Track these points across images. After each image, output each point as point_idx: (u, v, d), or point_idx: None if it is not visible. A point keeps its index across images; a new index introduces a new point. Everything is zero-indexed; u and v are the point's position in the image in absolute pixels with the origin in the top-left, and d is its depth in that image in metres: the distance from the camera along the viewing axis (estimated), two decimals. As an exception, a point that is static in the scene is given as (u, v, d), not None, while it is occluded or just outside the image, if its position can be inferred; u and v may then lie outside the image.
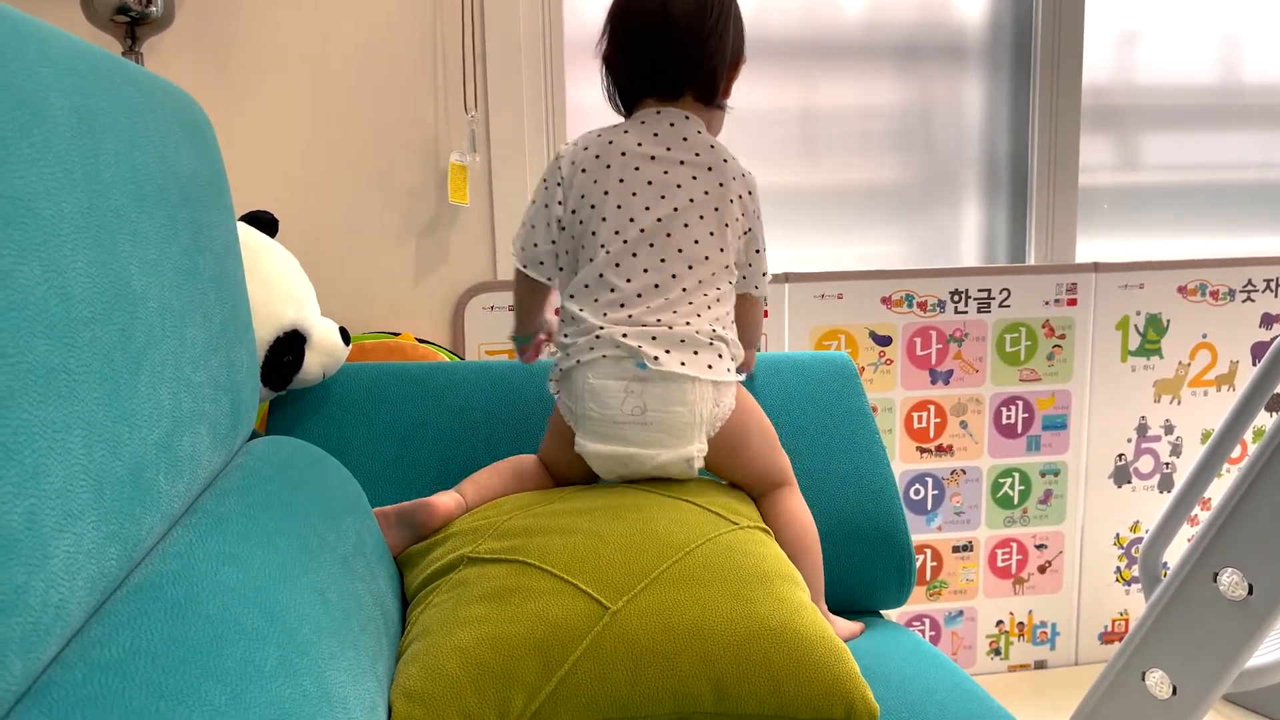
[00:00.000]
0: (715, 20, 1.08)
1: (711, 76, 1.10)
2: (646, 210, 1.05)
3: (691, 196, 1.06)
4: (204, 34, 1.53)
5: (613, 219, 1.05)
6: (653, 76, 1.10)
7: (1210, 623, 1.31)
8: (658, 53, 1.09)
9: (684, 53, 1.09)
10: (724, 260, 1.06)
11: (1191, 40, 1.94)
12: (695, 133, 1.09)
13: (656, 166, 1.06)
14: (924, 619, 1.83)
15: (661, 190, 1.05)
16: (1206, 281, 1.83)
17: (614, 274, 1.03)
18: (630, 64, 1.11)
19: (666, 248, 1.04)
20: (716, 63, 1.10)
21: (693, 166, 1.07)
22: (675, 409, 0.99)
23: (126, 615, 0.53)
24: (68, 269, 0.51)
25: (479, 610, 0.82)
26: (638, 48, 1.10)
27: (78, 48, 0.59)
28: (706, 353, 1.01)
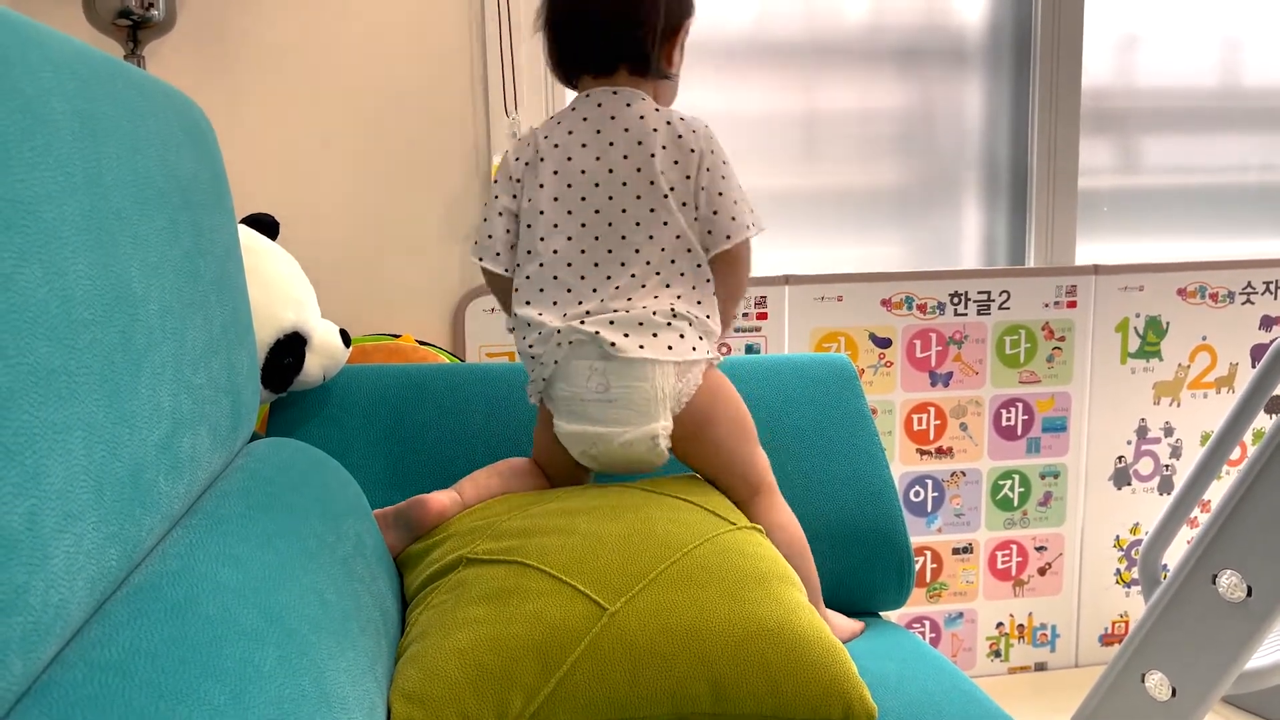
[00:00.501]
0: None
1: (641, 49, 1.07)
2: (583, 201, 1.04)
3: (624, 179, 1.04)
4: (205, 37, 1.53)
5: (553, 215, 1.05)
6: (584, 52, 1.09)
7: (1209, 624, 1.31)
8: (585, 26, 1.07)
9: (612, 26, 1.06)
10: (670, 235, 1.04)
11: (1191, 43, 1.95)
12: (624, 106, 1.06)
13: (588, 154, 1.05)
14: (924, 621, 1.83)
15: (595, 178, 1.05)
16: (1206, 284, 1.83)
17: (567, 273, 1.04)
18: (561, 40, 1.09)
19: (610, 238, 1.04)
20: (647, 32, 1.07)
21: (622, 144, 1.05)
22: (637, 384, 1.00)
23: (126, 615, 0.53)
24: (69, 271, 0.51)
25: (477, 611, 0.82)
26: (567, 22, 1.08)
27: (80, 51, 0.59)
28: (665, 333, 1.01)
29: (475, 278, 1.64)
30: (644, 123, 1.06)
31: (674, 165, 1.05)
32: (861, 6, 1.82)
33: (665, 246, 1.04)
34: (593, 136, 1.06)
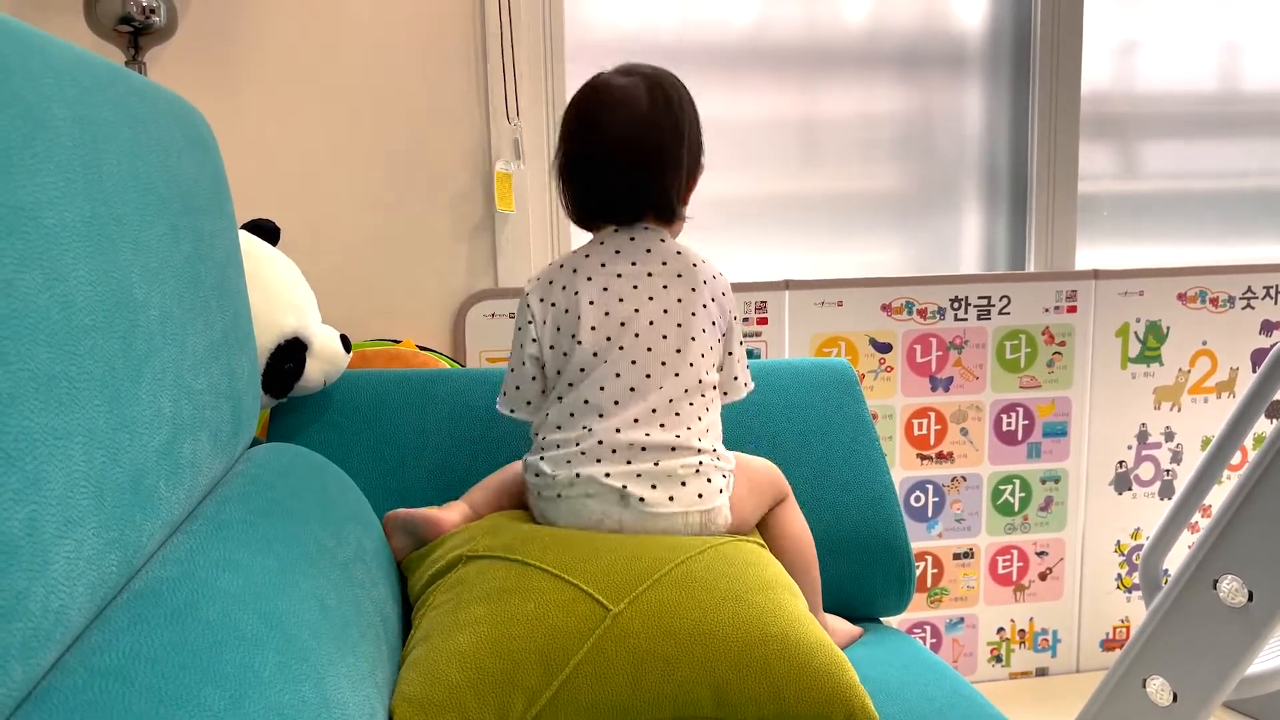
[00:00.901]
0: (670, 137, 1.04)
1: (669, 202, 1.07)
2: (622, 326, 1.01)
3: (665, 307, 1.02)
4: (206, 44, 1.53)
5: (589, 342, 1.01)
6: (608, 206, 1.07)
7: (1210, 630, 1.31)
8: (610, 185, 1.05)
9: (638, 183, 1.05)
10: (706, 364, 1.03)
11: (1190, 48, 1.95)
12: (659, 242, 1.06)
13: (625, 283, 1.03)
14: (925, 626, 1.82)
15: (634, 304, 1.02)
16: (1206, 288, 1.83)
17: (599, 397, 0.99)
18: (584, 192, 1.07)
19: (650, 362, 1.00)
20: (674, 189, 1.07)
21: (661, 275, 1.04)
22: (657, 527, 0.96)
23: (126, 621, 0.53)
24: (69, 277, 0.51)
25: (478, 611, 0.82)
26: (591, 178, 1.06)
27: (81, 58, 0.59)
28: (695, 481, 0.97)
29: (476, 284, 1.65)
30: (682, 257, 1.06)
31: (712, 303, 1.05)
32: (861, 11, 1.82)
33: (701, 377, 1.02)
34: (629, 267, 1.04)
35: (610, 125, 1.04)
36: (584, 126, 1.06)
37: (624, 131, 1.03)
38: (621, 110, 1.04)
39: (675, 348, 1.01)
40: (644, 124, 1.03)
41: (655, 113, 1.04)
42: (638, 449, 0.97)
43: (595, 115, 1.05)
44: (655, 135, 1.04)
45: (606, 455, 0.97)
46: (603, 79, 1.08)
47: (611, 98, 1.05)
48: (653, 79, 1.06)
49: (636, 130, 1.03)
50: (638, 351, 1.01)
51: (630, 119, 1.03)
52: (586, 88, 1.08)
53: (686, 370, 1.01)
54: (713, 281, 1.07)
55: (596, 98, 1.06)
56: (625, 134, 1.03)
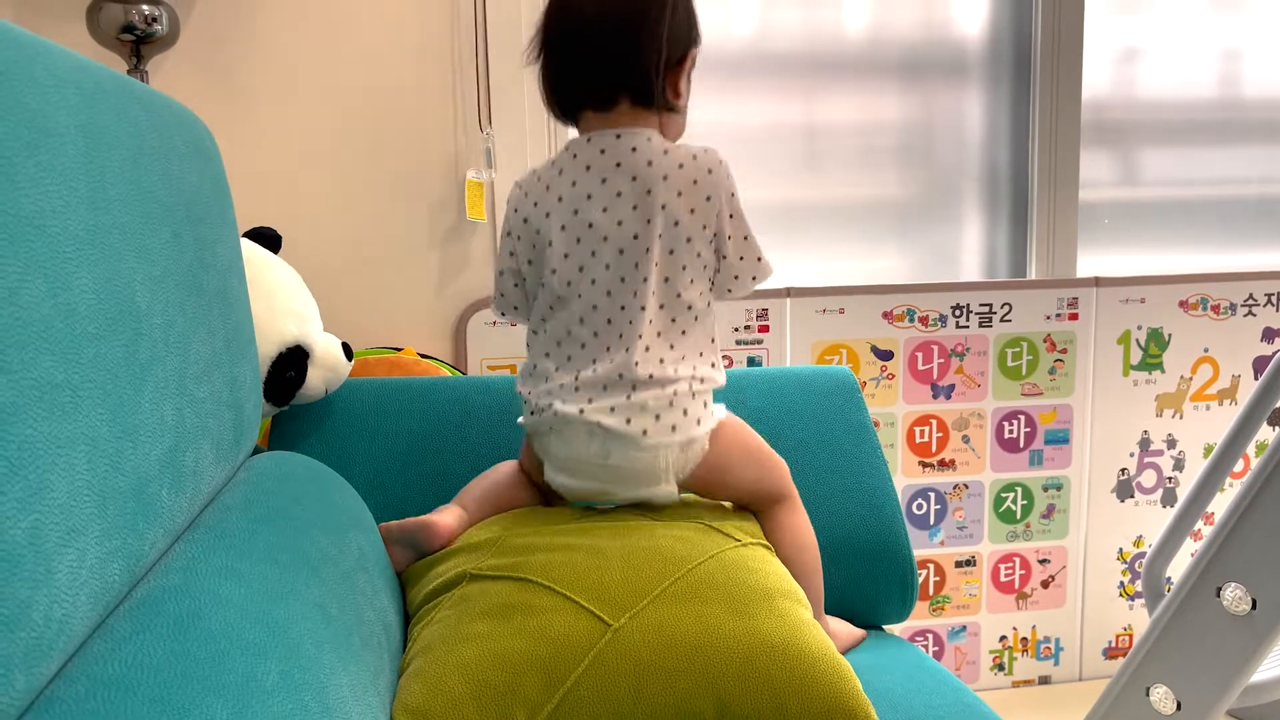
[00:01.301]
0: (647, 9, 0.99)
1: (646, 79, 1.00)
2: (593, 256, 1.00)
3: (635, 231, 0.99)
4: (209, 52, 1.54)
5: (563, 271, 1.01)
6: (582, 86, 1.02)
7: (1214, 638, 1.30)
8: (583, 59, 1.00)
9: (611, 57, 0.99)
10: (680, 285, 1.00)
11: (1191, 55, 1.95)
12: (629, 151, 1.00)
13: (594, 206, 1.00)
14: (927, 634, 1.82)
15: (603, 231, 0.99)
16: (1208, 296, 1.83)
17: (577, 330, 1.00)
18: (558, 74, 1.03)
19: (623, 293, 0.99)
20: (650, 64, 0.99)
21: (630, 195, 0.99)
22: (639, 455, 0.97)
23: (129, 630, 0.53)
24: (72, 285, 0.51)
25: (481, 627, 0.82)
26: (563, 56, 1.02)
27: (84, 66, 0.60)
28: (669, 413, 0.97)
29: (477, 292, 1.65)
30: (652, 170, 1.00)
31: (690, 214, 1.00)
32: (862, 19, 1.83)
33: (670, 303, 1.00)
34: (598, 187, 1.00)
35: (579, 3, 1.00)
36: (555, 11, 1.02)
37: (593, 5, 0.99)
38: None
39: (643, 275, 0.98)
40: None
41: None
42: (613, 383, 0.97)
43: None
44: (638, 8, 0.98)
45: (584, 389, 0.98)
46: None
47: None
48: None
49: (619, 4, 0.99)
50: (611, 282, 0.99)
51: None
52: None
53: (657, 297, 0.99)
54: (681, 171, 1.00)
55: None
56: (604, 6, 0.99)
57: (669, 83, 1.03)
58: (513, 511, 1.05)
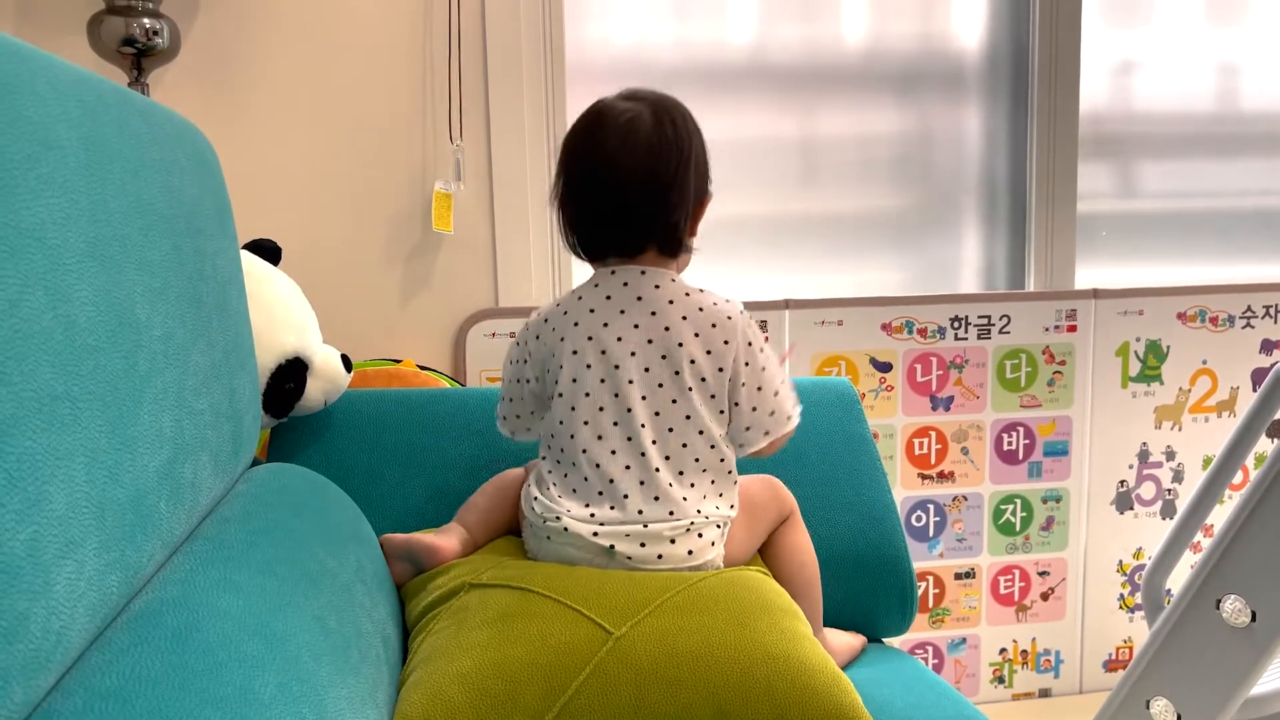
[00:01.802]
0: (675, 170, 1.00)
1: (673, 232, 1.02)
2: (602, 384, 0.98)
3: (647, 365, 0.98)
4: (209, 65, 1.54)
5: (571, 397, 0.99)
6: (610, 237, 1.03)
7: (1214, 650, 1.30)
8: (613, 214, 1.01)
9: (642, 213, 1.01)
10: (694, 429, 0.98)
11: (1188, 69, 1.96)
12: (653, 288, 1.01)
13: (609, 334, 1.00)
14: (927, 646, 1.82)
15: (616, 360, 0.99)
16: (1206, 308, 1.84)
17: (584, 460, 0.97)
18: (584, 223, 1.04)
19: (639, 435, 0.97)
20: (678, 217, 1.01)
21: (646, 328, 0.99)
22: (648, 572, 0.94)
23: (127, 642, 0.53)
24: (73, 297, 0.51)
25: (482, 636, 0.82)
26: (591, 208, 1.02)
27: (85, 79, 0.60)
28: (685, 539, 0.95)
29: (477, 303, 1.65)
30: (674, 308, 1.00)
31: (706, 355, 0.99)
32: (859, 32, 1.83)
33: (688, 442, 0.98)
34: (616, 317, 1.00)
35: (614, 151, 0.99)
36: (586, 152, 1.02)
37: (628, 158, 0.99)
38: (626, 136, 0.99)
39: (655, 410, 0.98)
40: (649, 150, 0.99)
41: (661, 138, 0.99)
42: (621, 533, 0.94)
43: (598, 140, 1.00)
44: (661, 162, 0.99)
45: (596, 515, 0.95)
46: (605, 103, 1.03)
47: (615, 122, 1.00)
48: (658, 104, 1.02)
49: (641, 156, 0.99)
50: (627, 422, 0.97)
51: (635, 144, 0.99)
52: (589, 112, 1.03)
53: (670, 438, 0.97)
54: (700, 314, 1.00)
55: (599, 122, 1.01)
56: (629, 160, 0.99)
57: (690, 229, 1.05)
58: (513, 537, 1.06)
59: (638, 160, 0.99)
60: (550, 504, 0.97)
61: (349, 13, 1.57)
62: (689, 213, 1.03)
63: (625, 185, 1.00)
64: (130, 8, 1.34)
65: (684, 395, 0.98)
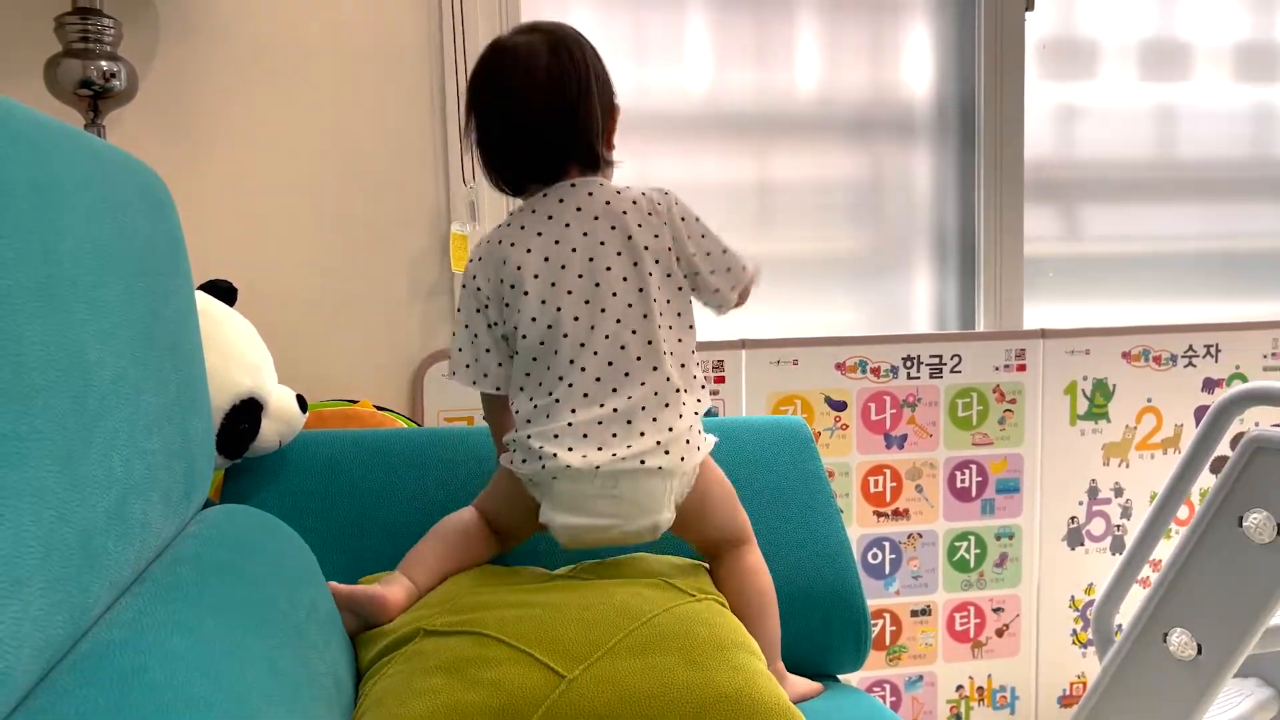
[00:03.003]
0: (578, 87, 1.03)
1: (591, 148, 1.06)
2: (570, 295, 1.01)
3: (608, 264, 1.02)
4: (167, 107, 1.55)
5: (543, 319, 1.01)
6: (530, 167, 1.06)
7: (1163, 684, 1.32)
8: (528, 145, 1.05)
9: (555, 138, 1.04)
10: (660, 311, 1.02)
11: (1128, 117, 2.03)
12: (586, 195, 1.05)
13: (564, 247, 1.02)
14: (884, 684, 1.82)
15: (579, 269, 1.02)
16: (1149, 347, 1.89)
17: (572, 373, 1.00)
18: (503, 158, 1.07)
19: (618, 332, 1.00)
20: (592, 133, 1.05)
21: (599, 231, 1.03)
22: (647, 483, 0.98)
23: (72, 684, 0.53)
24: (22, 338, 0.51)
25: (435, 681, 0.82)
26: (507, 142, 1.06)
27: (38, 122, 0.60)
28: (677, 447, 0.99)
29: (433, 344, 1.65)
30: (612, 206, 1.04)
31: (655, 239, 1.04)
32: (812, 80, 1.88)
33: (661, 326, 1.02)
34: (563, 231, 1.03)
35: (517, 84, 1.03)
36: (492, 89, 1.05)
37: (532, 89, 1.02)
38: (526, 68, 1.03)
39: (627, 302, 1.01)
40: (550, 78, 1.02)
41: (559, 64, 1.03)
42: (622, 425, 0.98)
43: (502, 75, 1.04)
44: (563, 86, 1.03)
45: (592, 435, 0.98)
46: (502, 40, 1.07)
47: (515, 55, 1.04)
48: (551, 32, 1.05)
49: (543, 85, 1.02)
50: (601, 321, 1.00)
51: (536, 75, 1.02)
52: (487, 50, 1.07)
53: (653, 330, 1.01)
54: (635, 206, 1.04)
55: (500, 59, 1.05)
56: (534, 91, 1.02)
57: (606, 144, 1.09)
58: (467, 573, 1.05)
59: (541, 89, 1.02)
60: (539, 440, 0.98)
61: (307, 55, 1.59)
62: (601, 128, 1.06)
63: (534, 115, 1.03)
64: (87, 50, 1.34)
65: (648, 281, 1.02)
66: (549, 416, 0.99)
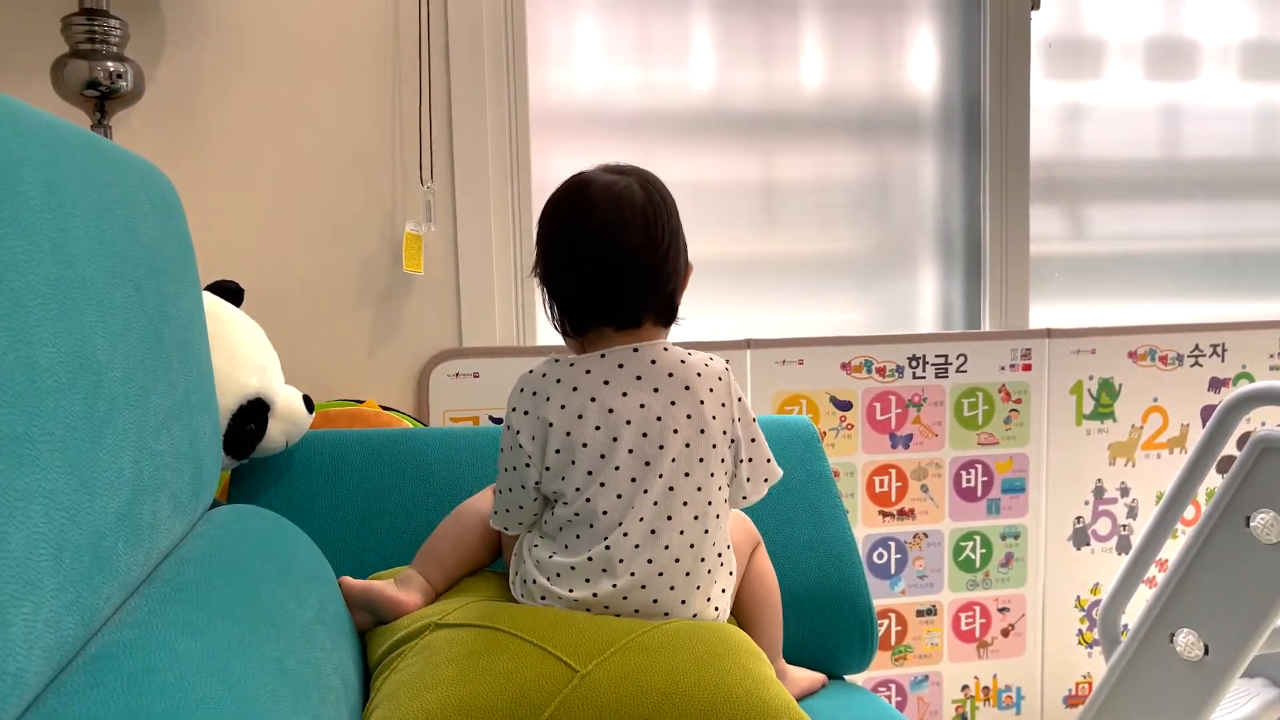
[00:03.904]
0: (667, 244, 0.99)
1: (671, 302, 1.01)
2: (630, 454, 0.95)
3: (675, 426, 0.96)
4: (172, 108, 1.55)
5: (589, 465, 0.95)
6: (610, 308, 0.99)
7: (1169, 684, 1.32)
8: (614, 288, 0.98)
9: (642, 286, 0.98)
10: (717, 484, 0.98)
11: (1133, 116, 2.02)
12: (649, 362, 0.98)
13: (630, 402, 0.96)
14: (890, 684, 1.82)
15: (643, 427, 0.95)
16: (1156, 347, 1.88)
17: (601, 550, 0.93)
18: (582, 298, 0.99)
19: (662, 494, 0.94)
20: (674, 288, 1.01)
21: (667, 390, 0.97)
22: None
23: (83, 685, 0.53)
24: (34, 339, 0.52)
25: (447, 673, 0.82)
26: (590, 282, 0.98)
27: (48, 123, 0.61)
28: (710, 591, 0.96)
29: (439, 344, 1.65)
30: (685, 366, 0.99)
31: (721, 408, 0.99)
32: (818, 79, 1.88)
33: (712, 500, 0.97)
34: (633, 383, 0.97)
35: (609, 223, 0.97)
36: (578, 224, 0.98)
37: (625, 230, 0.97)
38: (619, 207, 0.97)
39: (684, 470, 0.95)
40: (644, 223, 0.97)
41: (654, 211, 0.98)
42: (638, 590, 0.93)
43: (589, 212, 0.98)
44: (655, 234, 0.98)
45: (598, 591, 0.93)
46: (589, 175, 1.01)
47: (605, 194, 0.98)
48: (643, 177, 1.01)
49: (638, 229, 0.97)
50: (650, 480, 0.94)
51: (631, 217, 0.97)
52: (574, 184, 1.00)
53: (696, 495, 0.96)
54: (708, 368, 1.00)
55: (586, 194, 0.99)
56: (627, 233, 0.97)
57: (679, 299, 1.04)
58: (481, 576, 1.05)
59: (635, 233, 0.97)
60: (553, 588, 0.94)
61: (314, 55, 1.59)
62: (682, 287, 1.03)
63: (624, 257, 0.97)
64: (94, 51, 1.34)
65: (710, 453, 0.97)
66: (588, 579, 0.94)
